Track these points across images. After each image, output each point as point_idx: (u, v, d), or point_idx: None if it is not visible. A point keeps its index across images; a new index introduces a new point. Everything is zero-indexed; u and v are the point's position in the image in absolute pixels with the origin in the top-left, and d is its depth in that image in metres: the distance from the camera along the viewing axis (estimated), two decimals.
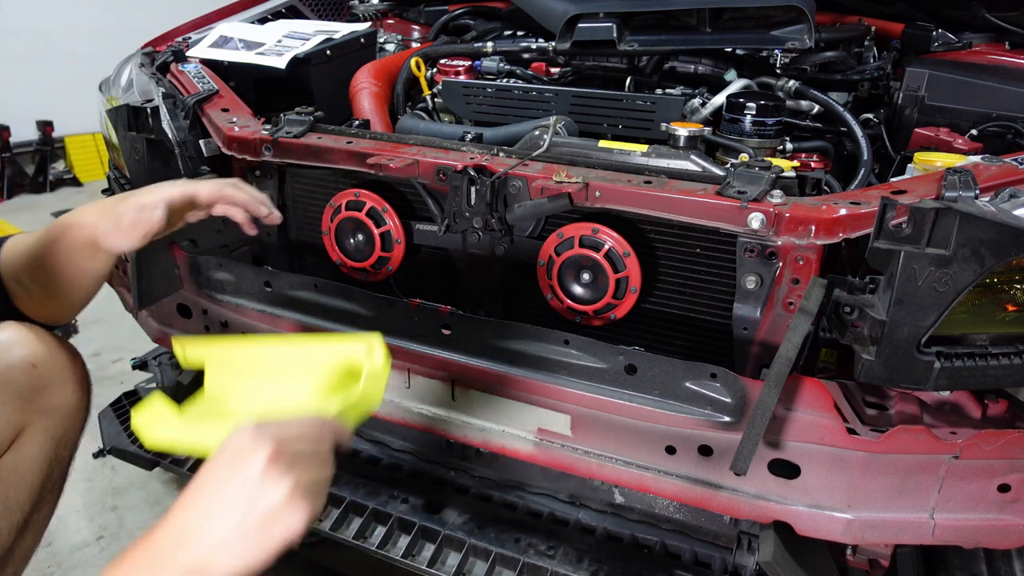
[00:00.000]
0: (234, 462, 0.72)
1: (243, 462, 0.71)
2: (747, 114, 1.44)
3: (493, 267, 1.41)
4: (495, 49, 1.93)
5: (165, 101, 1.61)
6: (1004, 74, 1.55)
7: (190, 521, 0.71)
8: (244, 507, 0.70)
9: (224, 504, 0.70)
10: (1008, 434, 1.02)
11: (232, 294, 1.47)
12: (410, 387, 1.35)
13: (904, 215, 0.91)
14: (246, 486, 0.70)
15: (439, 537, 1.37)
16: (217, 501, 0.71)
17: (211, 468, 0.73)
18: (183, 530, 0.71)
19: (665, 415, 1.14)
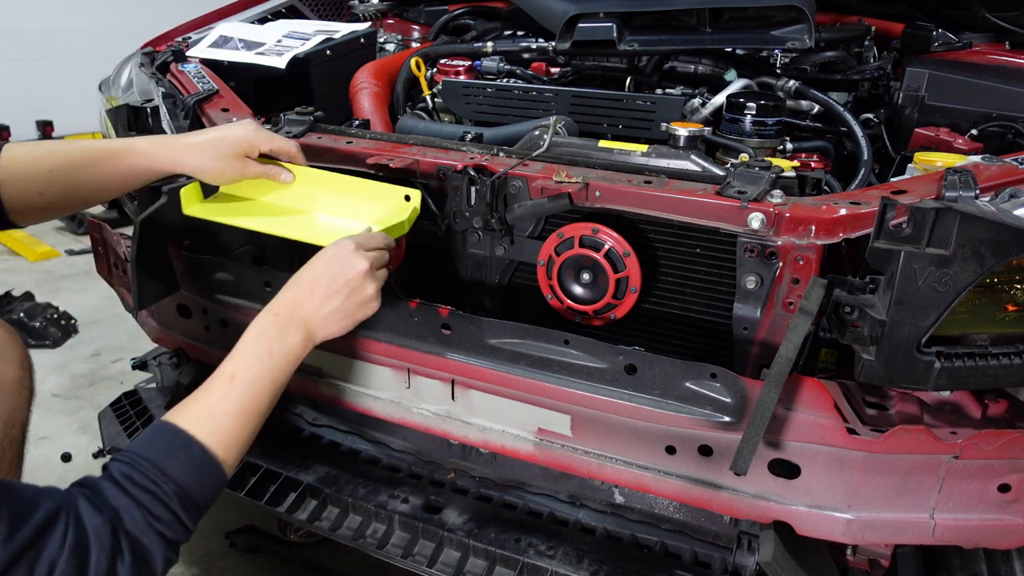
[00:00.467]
0: (342, 265, 1.13)
1: (350, 267, 1.13)
2: (747, 114, 1.44)
3: (493, 267, 1.41)
4: (495, 49, 1.93)
5: (165, 101, 1.61)
6: (1004, 74, 1.55)
7: (306, 299, 1.12)
8: (346, 296, 1.14)
9: (333, 292, 1.13)
10: (1008, 434, 1.02)
11: (232, 294, 1.47)
12: (410, 387, 1.35)
13: (904, 215, 0.91)
14: (349, 283, 1.13)
15: (439, 537, 1.37)
16: (329, 290, 1.13)
17: (322, 265, 1.14)
18: (301, 305, 1.12)
19: (665, 415, 1.14)
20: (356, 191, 1.27)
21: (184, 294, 1.55)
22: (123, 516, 0.93)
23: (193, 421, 1.03)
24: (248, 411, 1.07)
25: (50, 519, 0.86)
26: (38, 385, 2.98)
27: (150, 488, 0.96)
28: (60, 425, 2.64)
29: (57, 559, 0.85)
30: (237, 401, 1.06)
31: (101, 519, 0.90)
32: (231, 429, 1.05)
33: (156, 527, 0.95)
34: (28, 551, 0.83)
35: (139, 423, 1.73)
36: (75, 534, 0.87)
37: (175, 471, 0.98)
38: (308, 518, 1.46)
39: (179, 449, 1.00)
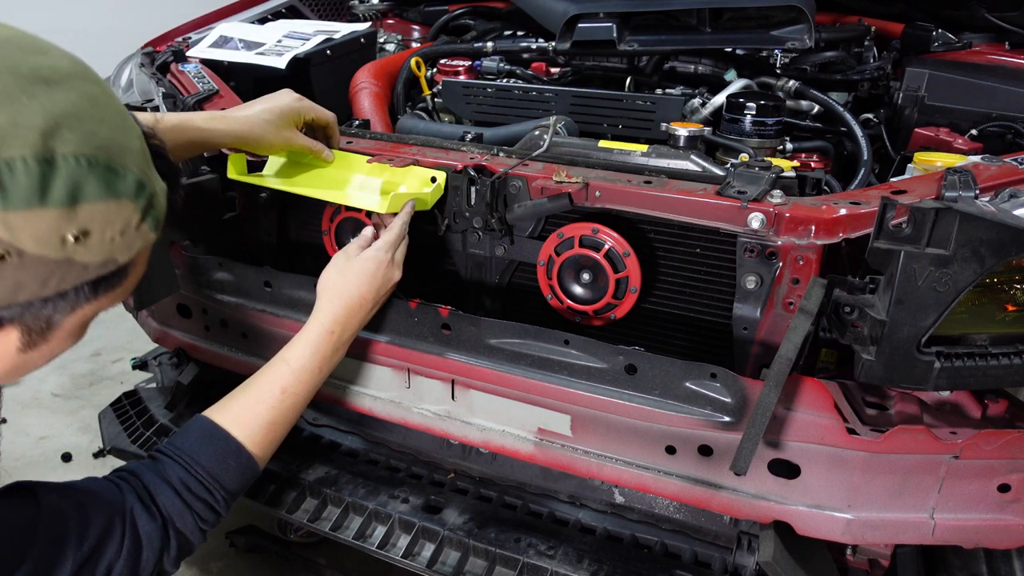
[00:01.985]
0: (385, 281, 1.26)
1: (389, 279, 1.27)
2: (747, 114, 1.44)
3: (493, 267, 1.41)
4: (495, 49, 1.93)
5: (165, 101, 1.61)
6: (1004, 74, 1.55)
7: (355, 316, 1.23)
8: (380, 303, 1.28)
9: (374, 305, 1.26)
10: (1008, 434, 1.02)
11: (232, 294, 1.47)
12: (410, 387, 1.35)
13: (904, 215, 0.91)
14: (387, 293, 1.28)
15: (439, 537, 1.37)
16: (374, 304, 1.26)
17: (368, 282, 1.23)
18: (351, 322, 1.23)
19: (665, 415, 1.14)
20: (384, 169, 1.33)
21: (184, 294, 1.55)
22: (175, 519, 1.03)
23: (242, 427, 1.11)
24: (290, 420, 1.18)
25: (109, 525, 0.94)
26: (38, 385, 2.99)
27: (205, 497, 1.06)
28: (60, 425, 2.64)
29: (115, 562, 0.94)
30: (285, 414, 1.16)
31: (155, 525, 1.00)
32: (275, 436, 1.15)
33: (202, 527, 1.07)
34: (92, 555, 0.91)
35: (139, 423, 1.73)
36: (131, 539, 0.96)
37: (227, 479, 1.08)
38: (308, 518, 1.46)
39: (230, 456, 1.09)
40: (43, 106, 0.69)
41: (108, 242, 0.75)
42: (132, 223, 0.77)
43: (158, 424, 1.71)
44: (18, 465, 2.40)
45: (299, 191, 1.35)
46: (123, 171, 0.75)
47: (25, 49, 0.73)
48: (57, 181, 0.69)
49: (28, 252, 0.69)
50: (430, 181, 1.31)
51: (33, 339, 0.77)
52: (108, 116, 0.76)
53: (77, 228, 0.71)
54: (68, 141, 0.70)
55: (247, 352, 1.52)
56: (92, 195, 0.72)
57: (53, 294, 0.74)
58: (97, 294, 0.78)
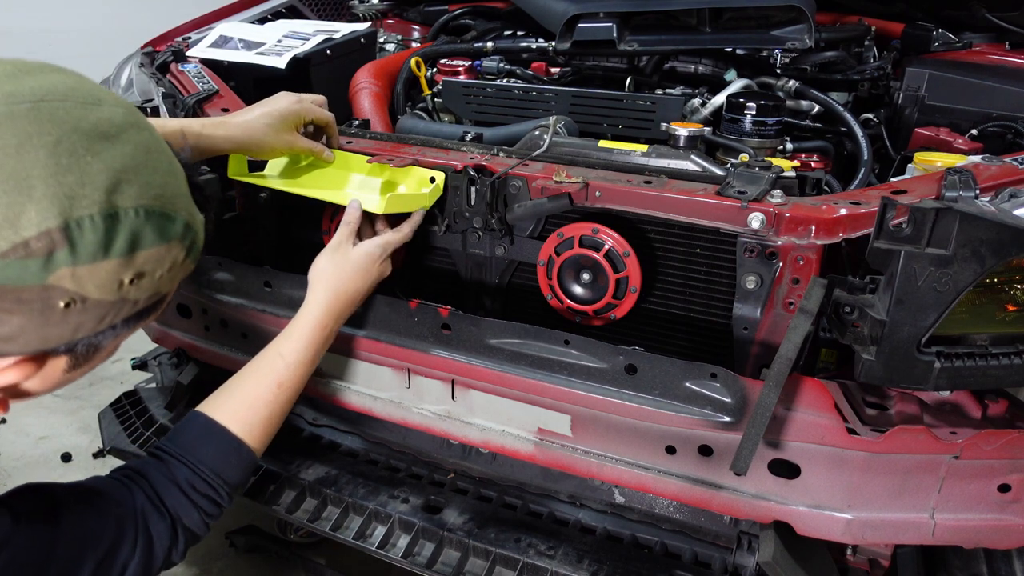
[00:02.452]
0: (378, 276, 1.28)
1: (379, 275, 1.28)
2: (747, 114, 1.44)
3: (493, 267, 1.41)
4: (495, 49, 1.93)
5: (165, 101, 1.61)
6: (1004, 74, 1.55)
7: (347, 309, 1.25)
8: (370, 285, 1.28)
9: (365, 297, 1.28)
10: (1008, 434, 1.02)
11: (232, 294, 1.47)
12: (410, 387, 1.35)
13: (904, 215, 0.91)
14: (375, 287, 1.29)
15: (439, 537, 1.37)
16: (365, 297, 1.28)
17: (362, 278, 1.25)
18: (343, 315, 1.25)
19: (665, 415, 1.14)
20: (384, 169, 1.34)
21: (184, 294, 1.55)
22: (183, 517, 1.06)
23: (240, 423, 1.13)
24: (285, 413, 1.19)
25: (122, 526, 0.98)
26: None
27: (209, 494, 1.08)
28: (60, 425, 2.64)
29: (129, 561, 0.97)
30: (280, 407, 1.18)
31: (165, 524, 1.03)
32: (272, 431, 1.18)
33: (207, 520, 1.10)
34: (107, 557, 0.94)
35: (139, 423, 1.73)
36: (144, 539, 1.00)
37: (229, 474, 1.11)
38: (308, 518, 1.46)
39: (232, 453, 1.11)
40: (105, 163, 0.73)
41: (157, 280, 0.80)
42: (179, 261, 0.82)
43: (158, 424, 1.71)
44: (18, 465, 2.40)
45: (299, 191, 1.35)
46: (175, 215, 0.80)
47: (85, 103, 0.75)
48: (120, 234, 0.74)
49: (91, 298, 0.74)
50: (429, 181, 1.31)
51: (79, 362, 0.83)
52: (160, 163, 0.81)
53: (134, 272, 0.76)
54: (129, 195, 0.75)
55: (247, 352, 1.51)
56: (149, 242, 0.77)
57: (106, 328, 0.79)
58: (139, 321, 0.84)
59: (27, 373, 0.79)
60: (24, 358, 0.77)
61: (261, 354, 1.20)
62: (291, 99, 1.35)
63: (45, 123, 0.71)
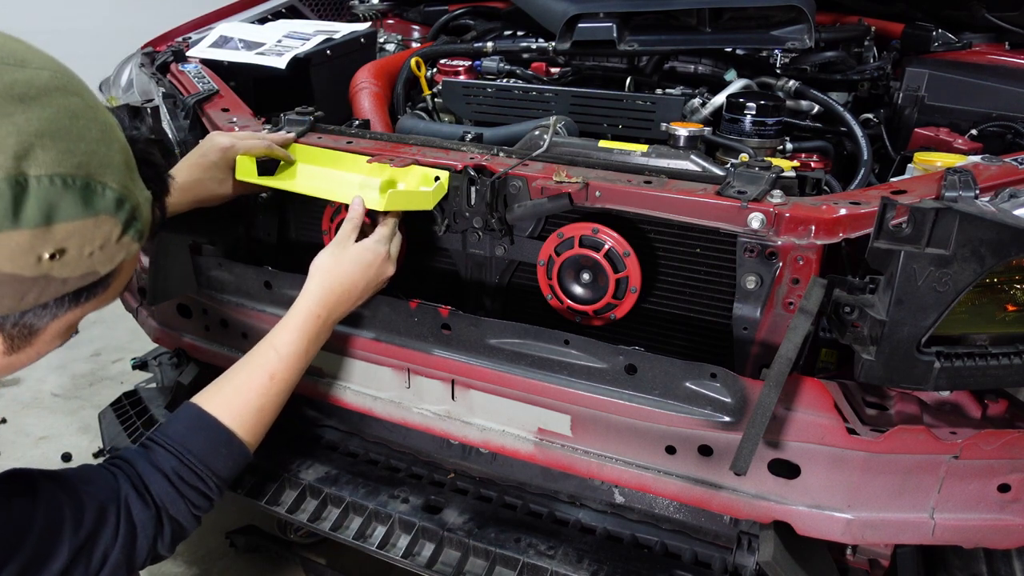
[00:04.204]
0: (377, 273, 1.26)
1: (382, 273, 1.27)
2: (747, 114, 1.44)
3: (493, 267, 1.41)
4: (495, 49, 1.93)
5: (165, 101, 1.61)
6: (1004, 74, 1.55)
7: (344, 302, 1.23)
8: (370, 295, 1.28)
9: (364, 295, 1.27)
10: (1008, 434, 1.02)
11: (232, 294, 1.47)
12: (410, 387, 1.35)
13: (904, 215, 0.91)
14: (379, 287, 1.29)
15: (439, 537, 1.37)
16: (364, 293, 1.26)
17: (361, 271, 1.24)
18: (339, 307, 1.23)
19: (665, 415, 1.14)
20: (384, 169, 1.34)
21: (184, 294, 1.55)
22: (169, 507, 1.04)
23: (231, 415, 1.11)
24: (279, 405, 1.19)
25: (103, 512, 0.95)
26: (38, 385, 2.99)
27: (197, 485, 1.07)
28: (60, 425, 2.64)
29: (111, 548, 0.95)
30: (273, 399, 1.17)
31: (149, 513, 1.01)
32: (265, 421, 1.16)
33: (196, 513, 1.08)
34: (87, 542, 0.92)
35: (139, 423, 1.73)
36: (126, 527, 0.97)
37: (218, 466, 1.08)
38: (308, 518, 1.46)
39: (222, 445, 1.10)
40: (16, 125, 0.69)
41: (87, 257, 0.75)
42: (112, 237, 0.77)
43: (158, 424, 1.71)
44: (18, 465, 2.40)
45: (300, 191, 1.35)
46: (101, 188, 0.74)
47: (2, 63, 0.71)
48: (29, 203, 0.69)
49: (2, 271, 0.69)
50: (433, 180, 1.31)
51: (16, 344, 0.78)
52: (88, 131, 0.75)
53: (53, 247, 0.71)
54: (42, 162, 0.69)
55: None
56: (67, 215, 0.71)
57: (32, 307, 0.74)
58: (79, 302, 0.79)
59: None
60: None
61: (255, 347, 1.19)
62: (223, 145, 1.34)
63: None
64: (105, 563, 0.95)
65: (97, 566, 0.94)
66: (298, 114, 1.52)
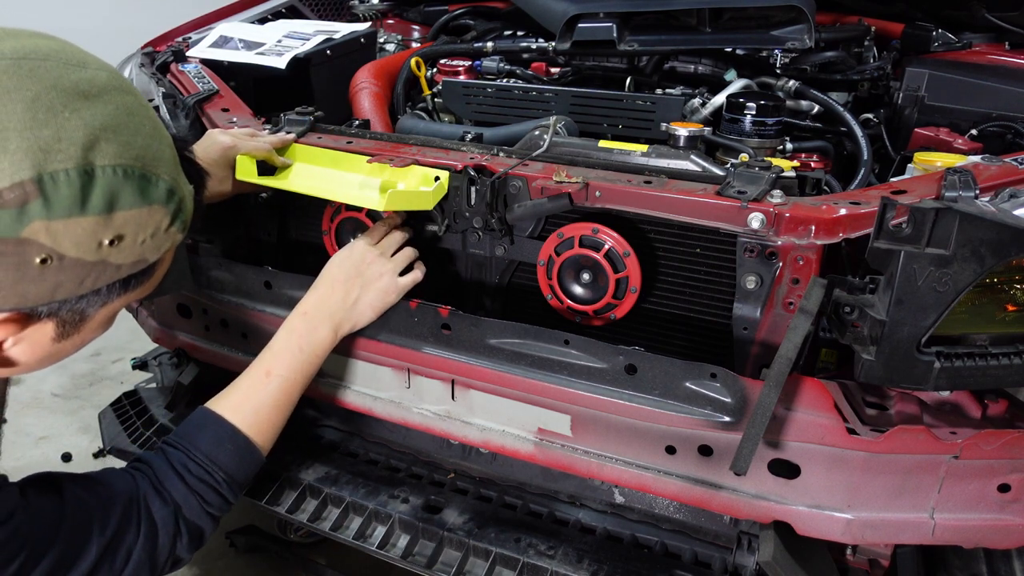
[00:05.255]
0: (355, 261, 1.27)
1: (360, 261, 1.27)
2: (747, 114, 1.44)
3: (493, 267, 1.41)
4: (495, 49, 1.93)
5: (165, 101, 1.61)
6: (1004, 74, 1.55)
7: (329, 297, 1.25)
8: (362, 287, 1.27)
9: (351, 286, 1.26)
10: (1008, 434, 1.02)
11: (232, 294, 1.47)
12: (410, 387, 1.35)
13: (904, 215, 0.91)
14: (362, 275, 1.27)
15: (439, 537, 1.37)
16: (347, 285, 1.26)
17: (337, 265, 1.27)
18: (325, 303, 1.25)
19: (665, 415, 1.14)
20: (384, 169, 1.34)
21: (184, 294, 1.55)
22: (183, 506, 1.07)
23: (235, 412, 1.15)
24: (281, 403, 1.21)
25: (127, 511, 1.00)
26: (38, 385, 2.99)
27: (204, 478, 1.10)
28: (60, 425, 2.65)
29: (134, 547, 0.99)
30: (272, 395, 1.19)
31: (167, 511, 1.05)
32: (268, 418, 1.19)
33: (209, 511, 1.11)
34: (113, 540, 0.97)
35: (139, 423, 1.73)
36: (147, 524, 1.02)
37: (224, 460, 1.12)
38: (308, 518, 1.46)
39: (226, 439, 1.13)
40: (84, 120, 0.74)
41: (140, 244, 0.81)
42: (162, 226, 0.83)
43: (158, 424, 1.71)
44: (18, 465, 2.40)
45: (300, 191, 1.35)
46: (156, 179, 0.80)
47: (67, 63, 0.77)
48: (96, 191, 0.74)
49: (68, 256, 0.75)
50: (433, 180, 1.31)
51: (67, 330, 0.84)
52: (143, 126, 0.81)
53: (113, 233, 0.77)
54: (106, 153, 0.75)
55: (247, 352, 1.52)
56: (127, 203, 0.77)
57: (88, 292, 0.80)
58: (127, 289, 0.85)
59: (9, 332, 0.79)
60: (6, 317, 0.77)
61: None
62: (224, 144, 1.35)
63: (24, 79, 0.73)
64: (129, 561, 0.98)
65: (121, 564, 0.98)
66: (298, 114, 1.52)
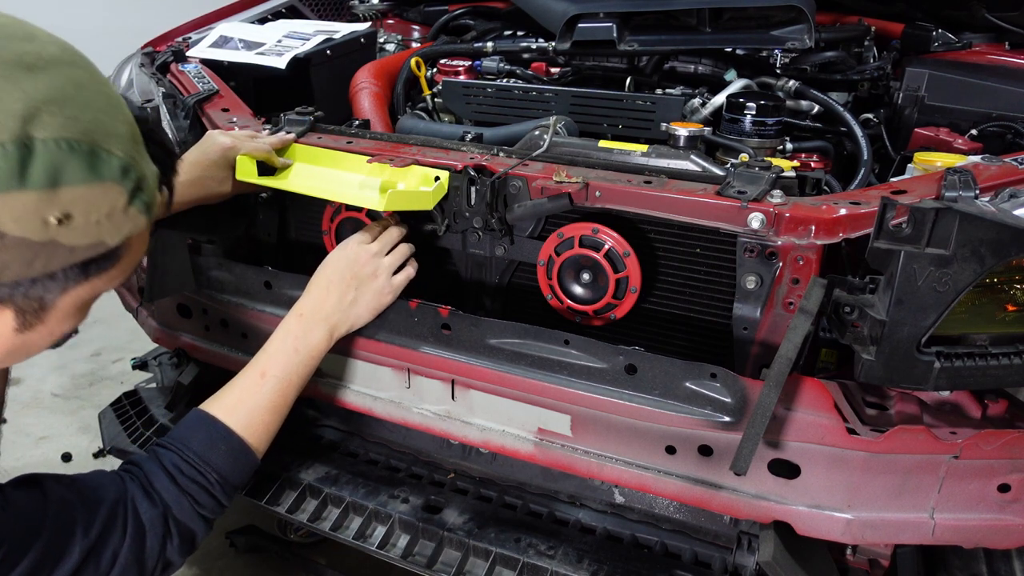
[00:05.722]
0: (348, 262, 1.26)
1: (354, 261, 1.27)
2: (747, 114, 1.44)
3: (493, 267, 1.41)
4: (495, 49, 1.93)
5: (165, 101, 1.61)
6: (1004, 74, 1.55)
7: (324, 298, 1.25)
8: (357, 287, 1.26)
9: (346, 287, 1.26)
10: (1008, 434, 1.02)
11: (232, 294, 1.47)
12: (410, 387, 1.35)
13: (904, 215, 0.91)
14: (357, 275, 1.26)
15: (439, 537, 1.37)
16: (342, 286, 1.25)
17: (331, 266, 1.27)
18: (320, 304, 1.25)
19: (665, 415, 1.14)
20: (384, 169, 1.34)
21: (184, 294, 1.54)
22: (173, 507, 1.05)
23: (229, 413, 1.14)
24: (276, 404, 1.19)
25: (113, 512, 0.96)
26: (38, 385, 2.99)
27: (197, 479, 1.08)
28: (60, 425, 2.64)
29: (120, 548, 0.97)
30: (268, 396, 1.18)
31: (156, 512, 1.02)
32: (263, 420, 1.17)
33: (201, 512, 1.08)
34: (97, 542, 0.94)
35: (139, 423, 1.73)
36: (134, 525, 0.99)
37: (217, 461, 1.09)
38: (308, 518, 1.46)
39: (219, 440, 1.11)
40: (24, 91, 0.71)
41: (94, 224, 0.76)
42: (118, 206, 0.77)
43: (158, 424, 1.71)
44: (18, 465, 2.40)
45: (300, 191, 1.35)
46: (107, 155, 0.75)
47: (11, 36, 0.74)
48: (36, 164, 0.70)
49: (9, 234, 0.70)
50: (433, 180, 1.31)
51: (28, 320, 0.79)
52: (94, 101, 0.77)
53: (59, 210, 0.72)
54: (48, 125, 0.71)
55: (247, 352, 1.51)
56: (73, 178, 0.73)
57: (40, 275, 0.75)
58: (88, 276, 0.79)
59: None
60: None
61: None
62: (224, 144, 1.35)
63: None
64: (115, 564, 0.96)
65: (107, 567, 0.96)
66: (298, 114, 1.52)
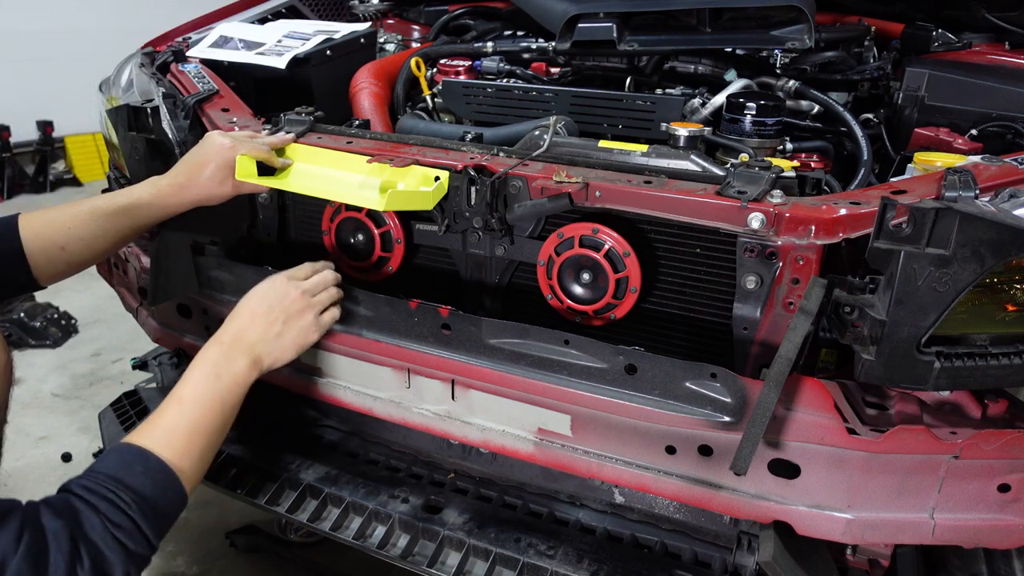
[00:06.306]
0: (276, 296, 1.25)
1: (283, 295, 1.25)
2: (747, 114, 1.44)
3: (493, 267, 1.41)
4: (495, 49, 1.93)
5: (165, 101, 1.61)
6: (1004, 74, 1.55)
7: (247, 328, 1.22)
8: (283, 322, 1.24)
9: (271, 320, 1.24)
10: (1008, 434, 1.02)
11: (232, 294, 1.47)
12: (410, 387, 1.35)
13: (904, 215, 0.91)
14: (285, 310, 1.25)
15: (439, 537, 1.37)
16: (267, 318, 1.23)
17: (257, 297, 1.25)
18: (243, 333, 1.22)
19: (665, 415, 1.14)
20: (384, 169, 1.34)
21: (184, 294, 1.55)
22: (82, 521, 0.95)
23: (147, 438, 1.09)
24: (199, 428, 1.13)
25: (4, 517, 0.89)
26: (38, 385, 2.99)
27: (107, 496, 0.99)
28: (60, 425, 2.65)
29: (10, 555, 0.87)
30: (187, 419, 1.13)
31: (59, 523, 0.92)
32: (184, 442, 1.11)
33: (116, 534, 0.97)
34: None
35: (139, 423, 1.73)
36: (31, 534, 0.90)
37: (133, 481, 1.02)
38: (308, 518, 1.46)
39: (135, 462, 1.05)
40: None
41: None
42: None
43: None
44: (18, 465, 2.40)
45: (300, 191, 1.35)
46: None
47: None
48: None
49: None
50: (433, 180, 1.31)
51: None
52: None
53: None
54: None
55: None
56: None
57: None
58: None
59: None
60: None
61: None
62: (224, 145, 1.35)
63: None
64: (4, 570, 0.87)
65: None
66: (298, 114, 1.52)
